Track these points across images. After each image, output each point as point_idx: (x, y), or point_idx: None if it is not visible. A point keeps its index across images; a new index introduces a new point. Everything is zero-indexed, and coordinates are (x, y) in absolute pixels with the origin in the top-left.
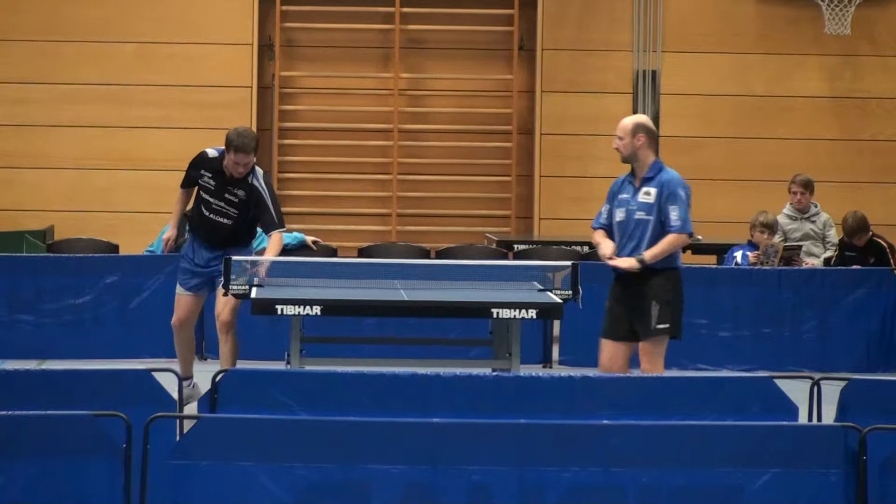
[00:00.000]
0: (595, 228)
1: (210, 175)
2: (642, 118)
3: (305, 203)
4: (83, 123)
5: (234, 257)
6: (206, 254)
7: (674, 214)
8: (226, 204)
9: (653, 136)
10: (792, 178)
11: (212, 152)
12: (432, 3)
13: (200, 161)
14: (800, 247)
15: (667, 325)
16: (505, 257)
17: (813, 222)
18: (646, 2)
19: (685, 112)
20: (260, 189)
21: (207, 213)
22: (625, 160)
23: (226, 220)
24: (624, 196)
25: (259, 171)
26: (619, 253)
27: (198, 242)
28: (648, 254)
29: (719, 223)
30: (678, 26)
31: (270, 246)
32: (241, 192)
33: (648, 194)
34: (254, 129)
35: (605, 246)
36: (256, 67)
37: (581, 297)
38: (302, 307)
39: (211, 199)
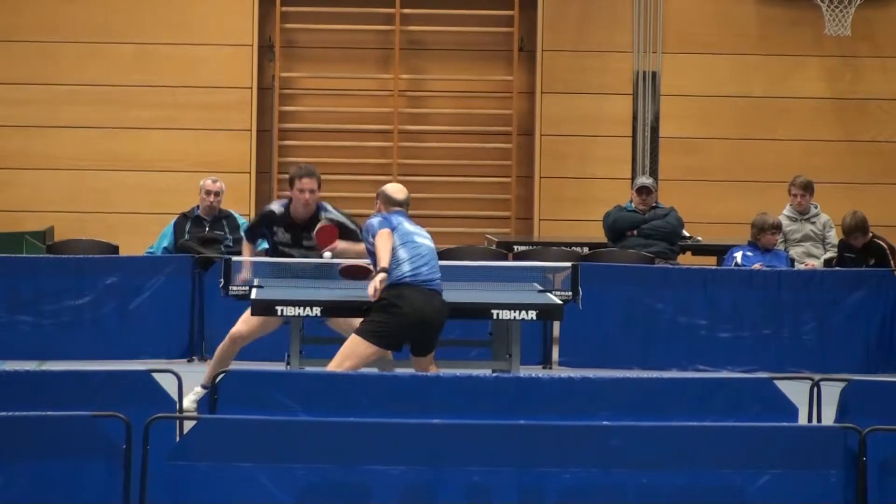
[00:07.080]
0: None
1: (283, 229)
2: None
3: None
4: (83, 124)
5: (234, 258)
6: None
7: None
8: (306, 250)
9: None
10: (791, 181)
11: (277, 208)
12: (432, 4)
13: (270, 219)
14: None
15: None
16: (505, 258)
17: (813, 223)
18: (646, 3)
19: (685, 113)
20: (336, 220)
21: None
22: None
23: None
24: None
25: (326, 205)
26: None
27: None
28: None
29: (719, 224)
30: (678, 27)
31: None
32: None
33: None
34: (254, 129)
35: None
36: (256, 68)
37: (581, 298)
38: (302, 308)
39: (291, 251)
